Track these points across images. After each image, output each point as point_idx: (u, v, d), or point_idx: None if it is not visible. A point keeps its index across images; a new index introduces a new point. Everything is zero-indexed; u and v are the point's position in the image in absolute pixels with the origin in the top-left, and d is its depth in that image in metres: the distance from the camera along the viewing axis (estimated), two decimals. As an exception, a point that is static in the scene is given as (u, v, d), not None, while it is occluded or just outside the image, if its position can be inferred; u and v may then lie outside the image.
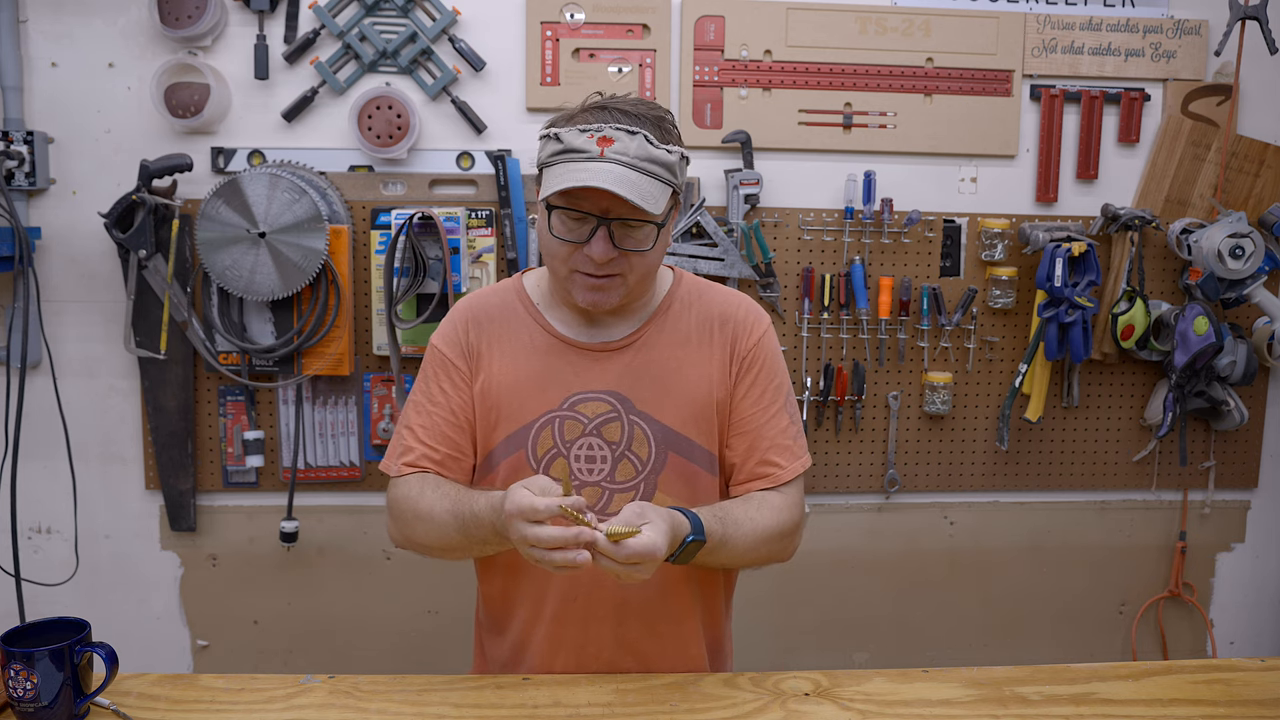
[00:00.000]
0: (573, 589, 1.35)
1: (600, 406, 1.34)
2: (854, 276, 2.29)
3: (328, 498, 2.31)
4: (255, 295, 2.10)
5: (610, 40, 2.22)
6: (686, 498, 1.35)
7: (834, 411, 2.37)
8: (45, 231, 2.18)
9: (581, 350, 1.36)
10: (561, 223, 1.26)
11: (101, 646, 1.17)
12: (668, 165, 1.25)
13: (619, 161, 1.21)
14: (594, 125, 1.25)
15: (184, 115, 2.13)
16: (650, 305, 1.39)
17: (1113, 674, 1.33)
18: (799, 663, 2.32)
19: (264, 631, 2.34)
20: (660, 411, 1.34)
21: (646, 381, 1.35)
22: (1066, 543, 2.49)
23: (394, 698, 1.25)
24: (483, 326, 1.38)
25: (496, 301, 1.41)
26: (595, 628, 1.36)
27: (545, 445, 1.34)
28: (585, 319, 1.37)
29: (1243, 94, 2.35)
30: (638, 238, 1.27)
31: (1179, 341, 2.28)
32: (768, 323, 1.42)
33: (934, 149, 2.32)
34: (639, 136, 1.24)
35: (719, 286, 1.45)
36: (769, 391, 1.38)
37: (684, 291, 1.41)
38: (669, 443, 1.34)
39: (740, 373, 1.38)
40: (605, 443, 1.34)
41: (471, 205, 2.22)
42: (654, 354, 1.36)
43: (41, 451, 2.17)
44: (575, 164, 1.22)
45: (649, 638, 1.38)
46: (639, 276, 1.30)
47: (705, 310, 1.40)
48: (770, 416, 1.38)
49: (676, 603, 1.39)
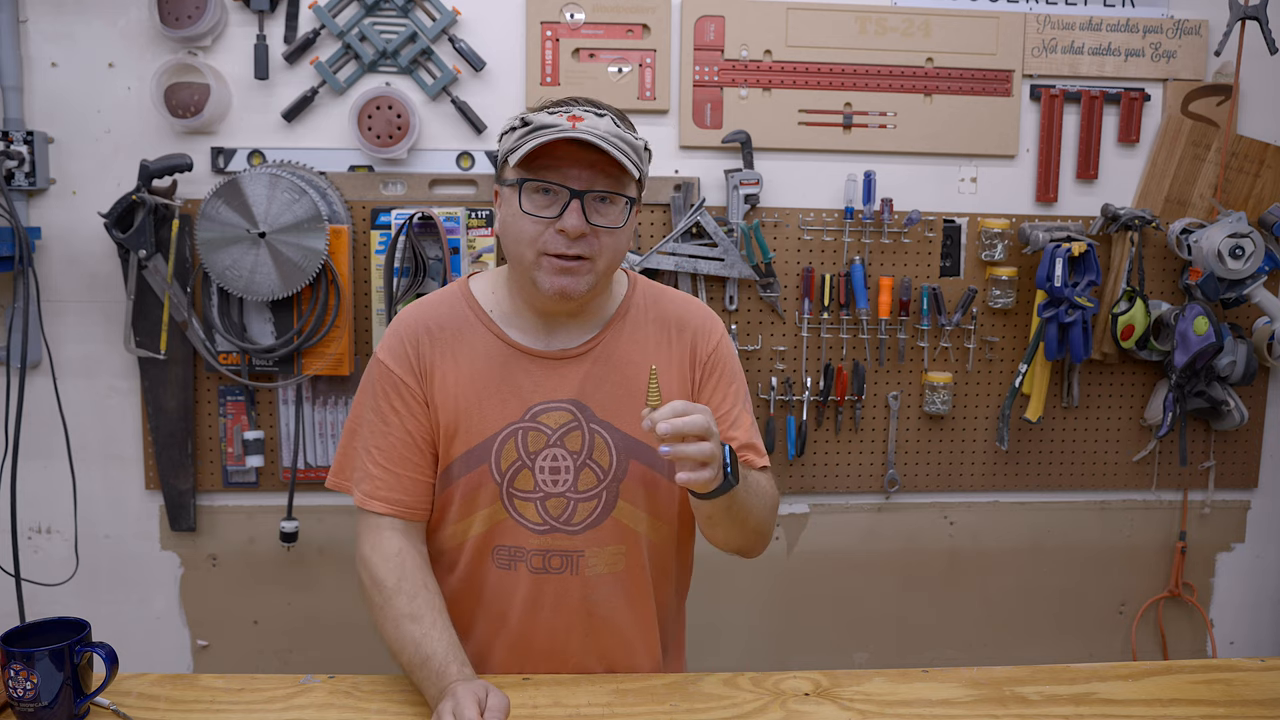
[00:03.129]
0: (538, 599, 1.34)
1: (562, 416, 1.32)
2: (854, 276, 2.29)
3: (328, 498, 2.30)
4: (255, 295, 2.09)
5: (610, 40, 2.22)
6: (648, 505, 1.35)
7: (834, 411, 2.37)
8: (45, 231, 2.18)
9: (539, 359, 1.33)
10: (531, 200, 1.25)
11: (101, 646, 1.17)
12: (635, 148, 1.26)
13: (592, 133, 1.21)
14: (562, 108, 1.26)
15: (184, 115, 2.13)
16: (607, 310, 1.37)
17: (1112, 674, 1.33)
18: (799, 663, 2.32)
19: (264, 631, 2.34)
20: (620, 419, 1.33)
21: (607, 389, 1.33)
22: (1066, 543, 2.49)
23: (394, 698, 1.25)
24: (434, 337, 1.34)
25: (446, 311, 1.36)
26: (562, 637, 1.36)
27: (509, 458, 1.32)
28: (542, 326, 1.34)
29: (1243, 94, 2.35)
30: (610, 214, 1.26)
31: (1179, 341, 2.28)
32: (723, 327, 1.43)
33: (934, 149, 2.32)
34: (607, 117, 1.26)
35: (671, 290, 1.45)
36: (730, 396, 1.39)
37: (640, 296, 1.40)
38: (630, 450, 1.33)
39: (703, 378, 1.38)
40: (568, 452, 1.32)
41: (471, 205, 2.22)
42: (613, 360, 1.34)
43: (41, 451, 2.17)
44: (547, 133, 1.21)
45: (618, 646, 1.38)
46: (607, 261, 1.28)
47: (662, 315, 1.39)
48: (734, 420, 1.38)
49: (640, 608, 1.39)
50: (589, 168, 1.23)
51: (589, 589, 1.35)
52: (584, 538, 1.33)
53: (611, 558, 1.35)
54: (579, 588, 1.34)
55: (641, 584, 1.38)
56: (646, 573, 1.38)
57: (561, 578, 1.34)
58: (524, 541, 1.33)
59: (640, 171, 1.27)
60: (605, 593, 1.35)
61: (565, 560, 1.34)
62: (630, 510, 1.35)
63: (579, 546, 1.33)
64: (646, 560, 1.38)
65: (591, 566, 1.34)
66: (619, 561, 1.35)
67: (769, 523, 1.36)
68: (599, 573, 1.34)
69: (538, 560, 1.34)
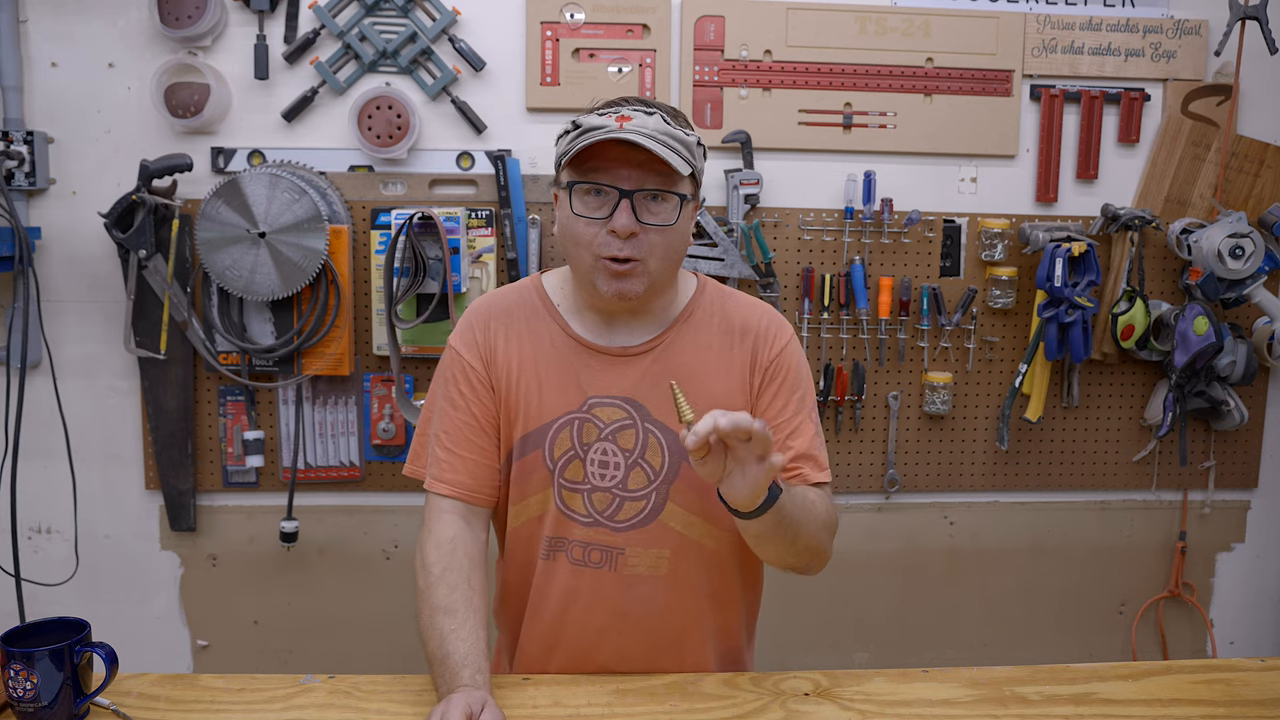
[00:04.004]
0: (573, 593, 1.34)
1: (616, 413, 1.33)
2: (854, 276, 2.29)
3: (328, 498, 2.31)
4: (255, 295, 2.10)
5: (610, 40, 2.22)
6: (698, 509, 1.34)
7: (834, 411, 2.37)
8: (45, 231, 2.18)
9: (598, 353, 1.34)
10: (582, 201, 1.26)
11: (101, 646, 1.17)
12: (686, 145, 1.26)
13: (639, 132, 1.22)
14: (611, 109, 1.27)
15: (184, 115, 2.13)
16: (672, 311, 1.37)
17: (1112, 674, 1.33)
18: (799, 663, 2.32)
19: (264, 631, 2.34)
20: (676, 421, 1.31)
21: (664, 389, 1.33)
22: (1066, 543, 2.49)
23: (394, 698, 1.25)
24: (501, 323, 1.37)
25: (515, 299, 1.39)
26: (593, 636, 1.35)
27: (563, 447, 1.33)
28: (605, 322, 1.35)
29: (1243, 94, 2.35)
30: (661, 212, 1.26)
31: (1179, 341, 2.28)
32: (790, 333, 1.40)
33: (934, 149, 2.32)
34: (656, 115, 1.26)
35: (742, 295, 1.43)
36: (792, 403, 1.36)
37: (707, 299, 1.39)
38: (683, 453, 1.31)
39: (762, 385, 1.36)
40: (619, 449, 1.32)
41: (471, 205, 2.22)
42: (673, 362, 1.34)
43: (41, 451, 2.17)
44: (594, 135, 1.23)
45: (655, 653, 1.35)
46: (661, 260, 1.27)
47: (727, 319, 1.38)
48: (794, 429, 1.35)
49: (682, 616, 1.36)
50: (638, 167, 1.23)
51: (626, 588, 1.33)
52: (626, 536, 1.32)
53: (654, 560, 1.33)
54: (615, 585, 1.33)
55: (687, 591, 1.35)
56: (696, 580, 1.35)
57: (599, 573, 1.33)
58: (568, 532, 1.33)
59: (693, 168, 1.27)
60: (643, 595, 1.33)
61: (605, 555, 1.33)
62: (680, 514, 1.33)
63: (620, 544, 1.33)
64: (699, 568, 1.35)
65: (631, 566, 1.33)
66: (661, 565, 1.33)
67: (823, 540, 1.32)
68: (639, 574, 1.33)
69: (578, 552, 1.33)
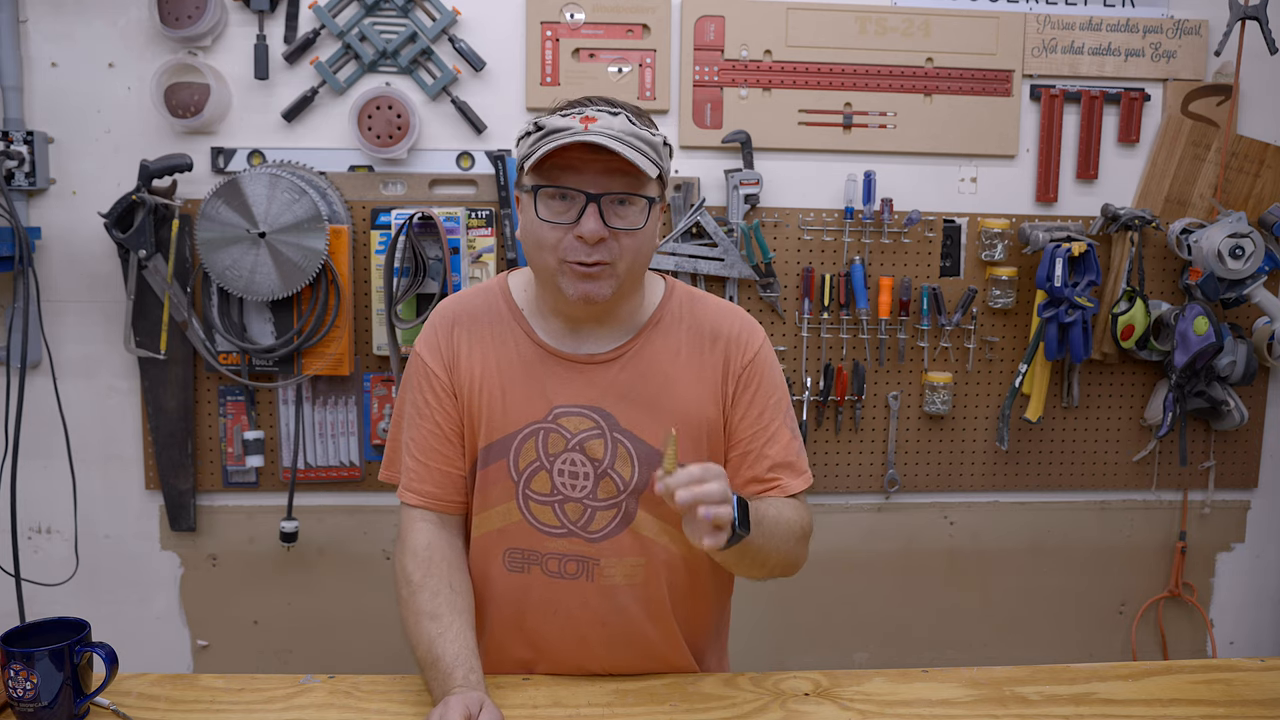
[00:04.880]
0: (554, 604, 1.33)
1: (583, 422, 1.30)
2: (854, 276, 2.29)
3: (328, 498, 2.31)
4: (255, 295, 2.09)
5: (610, 40, 2.22)
6: (670, 515, 1.31)
7: (834, 411, 2.37)
8: (45, 231, 2.18)
9: (565, 361, 1.31)
10: (547, 206, 1.23)
11: (101, 646, 1.17)
12: (652, 145, 1.23)
13: (605, 133, 1.19)
14: (575, 109, 1.24)
15: (184, 115, 2.13)
16: (640, 316, 1.34)
17: (1112, 674, 1.33)
18: (799, 663, 2.33)
19: (264, 631, 2.34)
20: (645, 430, 1.30)
21: (632, 398, 1.30)
22: (1066, 543, 2.49)
23: (394, 698, 1.25)
24: (464, 328, 1.34)
25: (480, 303, 1.36)
26: (582, 646, 1.34)
27: (528, 458, 1.30)
28: (571, 329, 1.32)
29: (1243, 94, 2.35)
30: (628, 215, 1.23)
31: (1179, 341, 2.28)
32: (762, 336, 1.37)
33: (934, 149, 2.32)
34: (621, 115, 1.22)
35: (711, 298, 1.40)
36: (767, 410, 1.34)
37: (675, 303, 1.36)
38: (653, 462, 1.29)
39: (736, 392, 1.34)
40: (588, 459, 1.30)
41: (471, 205, 2.22)
42: (641, 369, 1.31)
43: (41, 451, 2.17)
44: (559, 138, 1.20)
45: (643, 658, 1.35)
46: (629, 264, 1.24)
47: (697, 324, 1.35)
48: (770, 436, 1.34)
49: (661, 622, 1.35)
50: (604, 170, 1.20)
51: (606, 598, 1.32)
52: (601, 546, 1.31)
53: (629, 569, 1.32)
54: (595, 596, 1.32)
55: (662, 598, 1.34)
56: (669, 586, 1.35)
57: (577, 584, 1.32)
58: (539, 545, 1.32)
59: (660, 169, 1.24)
60: (623, 604, 1.32)
61: (581, 566, 1.31)
62: (651, 522, 1.32)
63: (596, 554, 1.31)
64: (671, 574, 1.34)
65: (608, 576, 1.31)
66: (637, 573, 1.32)
67: (795, 553, 1.32)
68: (616, 583, 1.32)
69: (554, 564, 1.32)
